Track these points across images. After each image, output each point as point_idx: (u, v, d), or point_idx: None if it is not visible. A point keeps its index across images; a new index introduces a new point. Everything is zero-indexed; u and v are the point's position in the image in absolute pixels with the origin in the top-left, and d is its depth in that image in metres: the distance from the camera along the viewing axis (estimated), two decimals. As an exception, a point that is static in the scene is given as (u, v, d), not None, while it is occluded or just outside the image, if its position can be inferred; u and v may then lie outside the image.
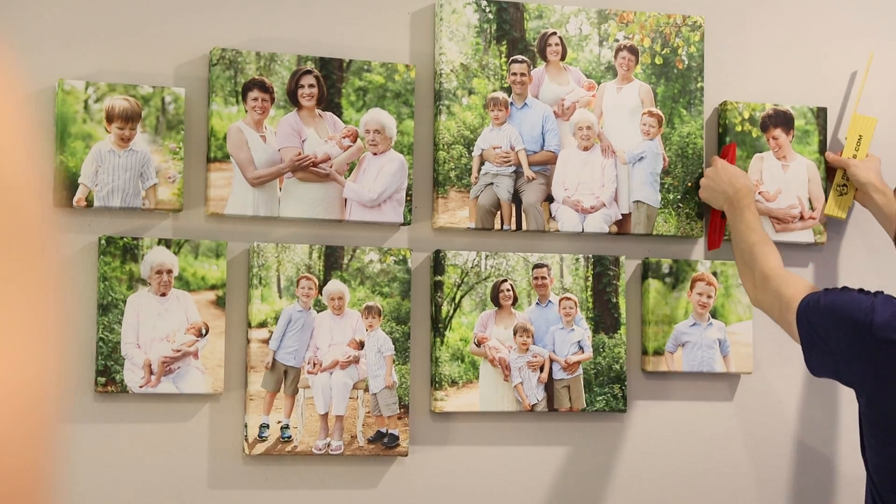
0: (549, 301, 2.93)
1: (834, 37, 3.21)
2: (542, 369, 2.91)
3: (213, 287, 2.73)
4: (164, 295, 2.70)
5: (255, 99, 2.79)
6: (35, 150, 2.68)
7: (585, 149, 2.98)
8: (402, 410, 2.82)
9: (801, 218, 3.10)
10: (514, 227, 2.92)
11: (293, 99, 2.81)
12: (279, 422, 2.76)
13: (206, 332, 2.72)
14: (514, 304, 2.91)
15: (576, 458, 2.97)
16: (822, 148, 3.13)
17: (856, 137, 3.10)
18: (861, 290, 2.56)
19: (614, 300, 2.97)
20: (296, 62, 2.82)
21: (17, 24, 2.69)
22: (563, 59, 2.98)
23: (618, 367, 2.96)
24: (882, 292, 2.54)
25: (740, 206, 2.88)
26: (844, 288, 2.60)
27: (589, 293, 2.95)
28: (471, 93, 2.92)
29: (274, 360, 2.76)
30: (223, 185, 2.76)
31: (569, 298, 2.94)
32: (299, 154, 2.80)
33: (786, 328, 2.68)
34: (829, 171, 3.13)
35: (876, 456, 2.56)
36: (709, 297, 3.02)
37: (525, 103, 2.95)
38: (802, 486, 3.12)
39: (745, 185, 2.92)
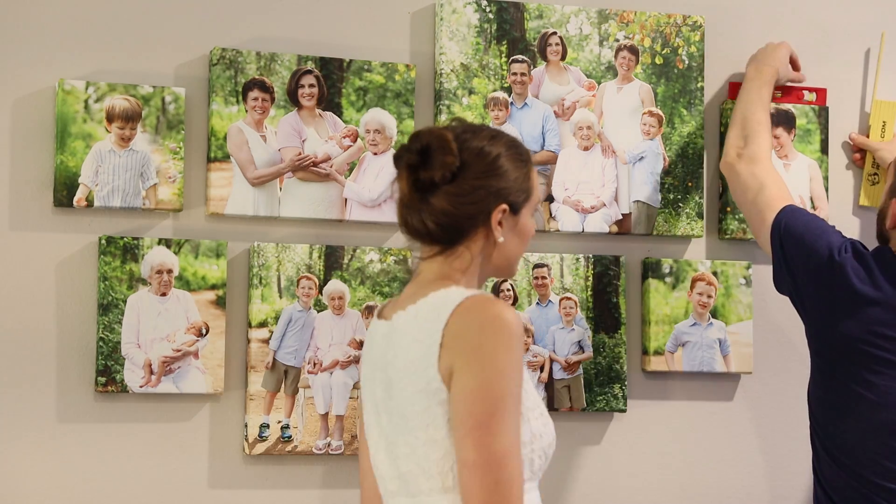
0: (550, 301, 2.93)
1: (834, 36, 3.20)
2: (542, 369, 2.91)
3: (213, 287, 2.73)
4: (164, 295, 2.71)
5: (256, 99, 2.79)
6: (35, 150, 2.67)
7: (586, 149, 2.98)
8: (402, 410, 2.83)
9: (803, 217, 3.10)
10: (514, 226, 2.92)
11: (293, 99, 2.81)
12: (279, 422, 2.76)
13: (207, 331, 2.72)
14: (514, 303, 2.91)
15: (576, 458, 2.97)
16: (824, 147, 3.13)
17: (880, 123, 3.13)
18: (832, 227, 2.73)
19: (614, 300, 2.97)
20: (296, 62, 2.82)
21: (17, 24, 2.70)
22: (563, 58, 2.98)
23: (618, 367, 2.96)
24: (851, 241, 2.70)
25: (762, 78, 2.98)
26: (815, 216, 2.77)
27: (589, 293, 2.95)
28: (471, 93, 2.92)
29: (274, 359, 2.77)
30: (223, 185, 2.76)
31: (569, 298, 2.94)
32: (299, 154, 2.81)
33: (752, 216, 2.82)
34: (860, 159, 3.16)
35: (818, 389, 2.69)
36: (709, 297, 3.02)
37: (525, 103, 2.95)
38: (802, 486, 3.12)
39: (778, 67, 3.01)
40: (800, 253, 2.69)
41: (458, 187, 2.05)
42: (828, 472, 2.64)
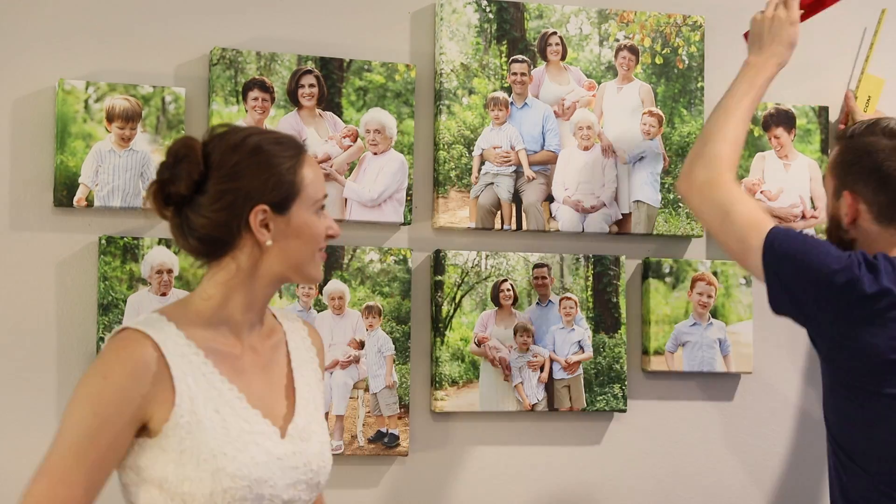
0: (550, 301, 2.93)
1: (835, 36, 3.20)
2: (542, 369, 2.91)
3: (213, 287, 2.73)
4: (164, 295, 2.71)
5: (256, 99, 2.79)
6: (35, 150, 2.65)
7: (586, 148, 2.98)
8: (402, 410, 2.83)
9: (803, 217, 3.10)
10: (514, 226, 2.92)
11: (293, 99, 2.81)
12: (279, 421, 2.76)
13: (207, 331, 2.72)
14: (514, 303, 2.91)
15: (576, 458, 2.97)
16: (824, 147, 3.13)
17: (865, 97, 3.12)
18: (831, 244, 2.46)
19: (614, 300, 2.97)
20: (296, 62, 2.82)
21: (17, 24, 2.70)
22: (563, 58, 2.98)
23: (618, 367, 2.96)
24: (857, 251, 2.44)
25: (758, 66, 2.64)
26: (808, 235, 2.47)
27: (589, 293, 2.96)
28: (471, 92, 2.92)
29: (274, 359, 2.76)
30: (223, 185, 2.76)
31: (569, 298, 2.94)
32: (299, 154, 2.81)
33: (728, 240, 2.47)
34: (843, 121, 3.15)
35: (842, 402, 2.47)
36: (709, 296, 3.02)
37: (525, 103, 2.95)
38: (802, 486, 3.12)
39: (783, 53, 2.66)
40: (804, 275, 2.41)
41: (206, 196, 1.96)
42: (856, 484, 2.53)
